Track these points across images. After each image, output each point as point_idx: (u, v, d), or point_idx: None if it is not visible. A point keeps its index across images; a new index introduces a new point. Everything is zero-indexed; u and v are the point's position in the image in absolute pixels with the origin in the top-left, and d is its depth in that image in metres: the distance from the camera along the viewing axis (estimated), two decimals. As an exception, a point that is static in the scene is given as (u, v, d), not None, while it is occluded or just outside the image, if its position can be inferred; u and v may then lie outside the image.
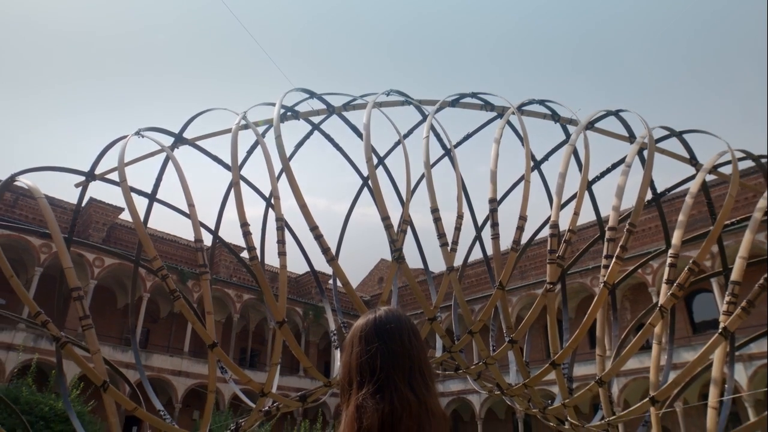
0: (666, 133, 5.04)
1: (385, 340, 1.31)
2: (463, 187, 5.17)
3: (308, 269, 7.18)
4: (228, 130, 5.47)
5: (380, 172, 6.60)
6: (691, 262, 3.58)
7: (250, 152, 5.91)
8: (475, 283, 37.09)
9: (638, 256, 23.83)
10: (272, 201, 4.95)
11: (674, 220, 4.96)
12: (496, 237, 4.15)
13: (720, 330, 3.43)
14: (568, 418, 4.44)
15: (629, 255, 25.26)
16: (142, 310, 28.18)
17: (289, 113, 5.54)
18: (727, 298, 3.48)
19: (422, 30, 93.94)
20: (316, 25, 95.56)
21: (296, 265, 30.23)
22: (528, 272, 34.89)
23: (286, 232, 4.31)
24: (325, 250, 4.03)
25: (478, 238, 7.06)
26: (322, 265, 10.51)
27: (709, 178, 5.37)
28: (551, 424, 4.75)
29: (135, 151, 5.64)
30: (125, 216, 36.01)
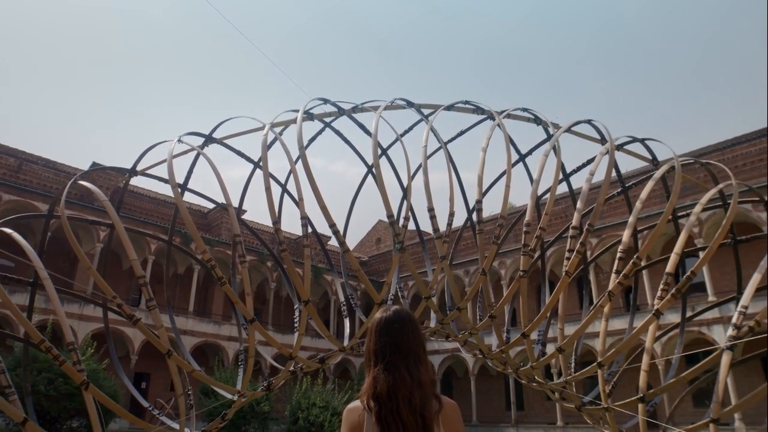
0: (629, 139, 5.87)
1: (392, 335, 1.90)
2: (454, 169, 6.08)
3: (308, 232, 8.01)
4: (248, 131, 6.31)
5: (383, 161, 7.44)
6: (635, 257, 4.47)
7: (268, 148, 6.72)
8: (470, 245, 38.35)
9: (622, 224, 24.88)
10: (290, 195, 5.87)
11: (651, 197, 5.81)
12: (480, 232, 5.04)
13: (653, 311, 4.35)
14: (536, 377, 5.45)
15: (617, 222, 26.58)
16: (148, 272, 29.08)
17: (304, 115, 6.33)
18: (661, 286, 4.38)
19: (423, 30, 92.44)
20: (315, 25, 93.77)
21: (297, 228, 31.08)
22: (521, 235, 35.95)
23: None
24: (341, 243, 4.93)
25: (469, 219, 7.97)
26: (320, 226, 11.53)
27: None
28: (523, 381, 5.76)
29: (162, 147, 6.48)
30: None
